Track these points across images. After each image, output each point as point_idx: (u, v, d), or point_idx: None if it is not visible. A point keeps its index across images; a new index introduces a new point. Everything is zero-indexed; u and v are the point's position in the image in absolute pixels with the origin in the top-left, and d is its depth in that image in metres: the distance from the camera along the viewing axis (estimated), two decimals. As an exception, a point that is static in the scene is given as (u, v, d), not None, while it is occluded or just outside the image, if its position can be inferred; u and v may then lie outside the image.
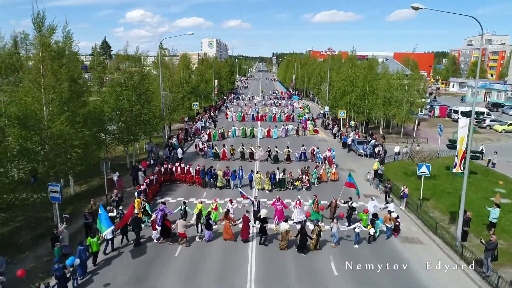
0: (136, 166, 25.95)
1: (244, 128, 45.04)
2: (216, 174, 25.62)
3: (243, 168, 26.96)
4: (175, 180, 27.14)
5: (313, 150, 33.70)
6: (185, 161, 31.36)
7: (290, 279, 15.37)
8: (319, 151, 33.22)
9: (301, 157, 33.73)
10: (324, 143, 41.86)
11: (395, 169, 30.33)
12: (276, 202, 20.13)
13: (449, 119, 59.64)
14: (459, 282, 15.30)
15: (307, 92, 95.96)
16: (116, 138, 27.81)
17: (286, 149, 33.27)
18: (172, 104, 40.63)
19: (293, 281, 15.22)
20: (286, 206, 20.33)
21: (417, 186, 25.94)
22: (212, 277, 15.53)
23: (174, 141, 35.41)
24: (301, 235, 17.01)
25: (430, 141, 41.87)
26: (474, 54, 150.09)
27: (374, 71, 46.54)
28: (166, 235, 18.05)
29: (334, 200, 20.78)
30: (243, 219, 18.15)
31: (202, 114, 55.21)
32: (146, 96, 29.49)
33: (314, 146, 34.06)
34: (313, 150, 33.78)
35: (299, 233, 17.09)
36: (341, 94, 48.41)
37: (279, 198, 20.48)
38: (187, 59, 60.22)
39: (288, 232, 17.17)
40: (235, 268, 16.22)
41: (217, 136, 43.27)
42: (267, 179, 25.21)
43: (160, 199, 23.75)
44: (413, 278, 15.54)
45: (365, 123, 46.83)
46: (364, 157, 35.51)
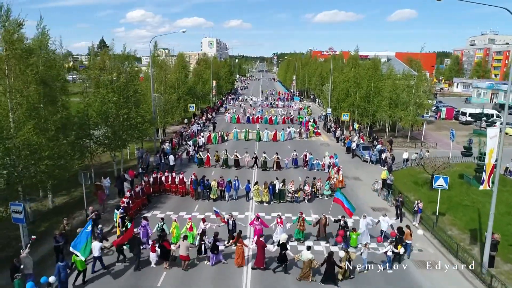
0: (122, 176, 23.63)
1: (247, 130, 42.75)
2: (210, 185, 23.32)
3: (240, 178, 24.67)
4: (165, 191, 24.86)
5: (305, 156, 31.14)
6: (177, 169, 29.15)
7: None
8: (313, 158, 30.74)
9: (293, 163, 31.28)
10: (327, 148, 39.59)
11: (404, 178, 28.00)
12: (255, 221, 17.63)
13: (456, 121, 57.30)
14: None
15: (308, 93, 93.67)
16: (102, 144, 25.53)
17: (275, 156, 30.72)
18: (166, 106, 38.39)
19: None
20: (266, 225, 17.91)
21: (429, 197, 23.72)
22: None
23: (167, 146, 33.09)
24: (328, 264, 14.62)
25: (439, 145, 39.53)
26: (477, 54, 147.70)
27: (379, 71, 44.24)
28: (165, 257, 15.81)
29: (323, 217, 18.37)
30: (257, 244, 15.80)
31: (199, 116, 52.94)
32: (135, 99, 27.24)
33: (306, 152, 31.45)
34: (305, 156, 31.17)
35: (326, 261, 14.64)
36: (344, 96, 46.12)
37: (258, 216, 18.02)
38: (184, 58, 57.92)
39: (312, 261, 14.79)
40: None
41: (217, 139, 41.10)
42: (265, 190, 22.91)
43: (146, 213, 21.51)
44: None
45: (370, 126, 44.52)
46: (370, 163, 33.21)
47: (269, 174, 28.96)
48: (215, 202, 23.35)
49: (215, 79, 76.51)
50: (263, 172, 29.63)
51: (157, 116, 37.78)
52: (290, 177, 27.48)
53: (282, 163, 30.85)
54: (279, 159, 30.61)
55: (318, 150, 37.85)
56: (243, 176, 26.92)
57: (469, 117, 53.51)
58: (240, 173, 28.34)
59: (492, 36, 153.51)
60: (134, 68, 27.29)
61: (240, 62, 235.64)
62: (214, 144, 40.34)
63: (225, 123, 54.18)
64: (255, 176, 28.41)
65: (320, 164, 30.42)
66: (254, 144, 40.07)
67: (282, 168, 30.45)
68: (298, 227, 18.05)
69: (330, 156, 30.53)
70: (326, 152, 32.07)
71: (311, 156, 30.84)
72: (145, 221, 17.46)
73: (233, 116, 55.58)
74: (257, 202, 23.20)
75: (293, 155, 31.59)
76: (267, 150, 35.74)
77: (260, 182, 24.15)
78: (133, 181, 24.82)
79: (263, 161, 30.42)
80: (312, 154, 31.33)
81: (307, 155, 31.11)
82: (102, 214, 20.65)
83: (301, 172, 29.87)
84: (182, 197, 24.24)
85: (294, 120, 54.53)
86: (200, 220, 18.05)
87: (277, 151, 32.56)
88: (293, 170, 30.50)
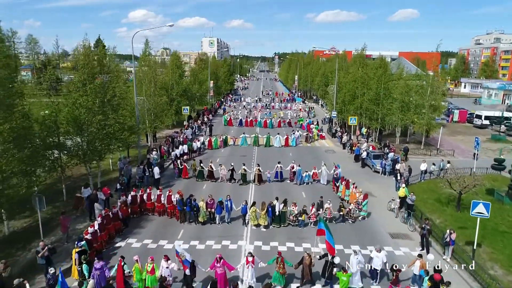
0: (93, 195, 19.96)
1: (256, 136, 39.16)
2: (197, 206, 19.69)
3: (235, 197, 21.07)
4: (147, 211, 21.24)
5: (292, 167, 27.13)
6: (164, 184, 25.58)
7: None
8: (301, 170, 26.65)
9: (278, 177, 27.36)
10: (332, 155, 35.95)
11: (424, 194, 24.28)
12: (216, 263, 13.78)
13: (469, 124, 53.57)
14: None
15: (311, 94, 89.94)
16: (74, 156, 21.94)
17: (256, 168, 26.83)
18: (155, 110, 34.81)
19: None
20: (231, 268, 13.99)
21: (457, 220, 20.23)
22: None
23: (155, 155, 29.48)
24: None
25: (456, 153, 35.79)
26: (484, 53, 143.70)
27: (388, 71, 40.53)
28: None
29: (306, 256, 14.38)
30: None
31: (194, 119, 49.31)
32: (115, 102, 23.63)
33: (293, 163, 27.47)
34: (292, 167, 27.15)
35: None
36: (350, 97, 42.46)
37: (221, 257, 13.91)
38: (179, 58, 54.34)
39: None
40: None
41: (218, 144, 37.58)
42: (263, 213, 19.25)
43: (120, 241, 17.89)
44: None
45: (379, 130, 40.83)
46: (382, 175, 29.52)
47: (269, 192, 25.35)
48: (204, 226, 19.76)
49: (214, 79, 72.97)
50: (261, 189, 25.71)
51: (145, 121, 34.28)
52: (293, 195, 23.98)
53: (265, 176, 26.95)
54: (261, 171, 26.62)
55: (322, 158, 34.23)
56: (237, 195, 23.37)
57: (485, 120, 49.73)
58: (234, 191, 24.69)
59: (497, 35, 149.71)
60: (114, 67, 23.56)
61: (241, 61, 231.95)
62: (214, 149, 37.11)
63: (222, 126, 50.70)
64: (252, 195, 24.60)
65: (310, 176, 26.60)
66: (253, 151, 36.44)
67: (264, 182, 26.64)
68: (277, 270, 14.05)
69: (334, 167, 26.95)
70: (322, 162, 28.23)
71: (299, 168, 26.70)
72: (100, 261, 13.75)
73: (225, 118, 52.36)
74: (254, 225, 19.53)
75: (277, 167, 27.22)
76: (266, 158, 32.24)
77: (258, 202, 20.55)
78: (109, 201, 21.23)
79: (242, 174, 26.46)
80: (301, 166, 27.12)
81: (294, 167, 27.05)
82: (66, 245, 17.12)
83: (305, 188, 26.19)
84: (169, 219, 20.61)
85: (293, 123, 50.92)
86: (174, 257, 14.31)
87: (279, 159, 28.95)
88: (295, 186, 26.75)
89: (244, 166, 26.59)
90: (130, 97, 27.80)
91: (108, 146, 22.61)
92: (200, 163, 27.75)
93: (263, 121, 50.11)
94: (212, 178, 27.06)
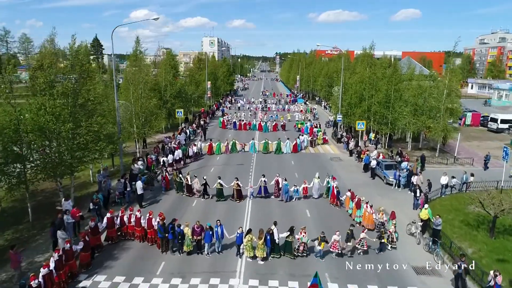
0: (57, 220, 16.69)
1: (267, 141, 35.93)
2: (182, 232, 16.44)
3: (227, 221, 17.87)
4: (127, 235, 18.02)
5: (277, 182, 23.42)
6: (149, 199, 22.41)
7: None
8: (288, 184, 22.94)
9: (260, 192, 23.61)
10: (338, 163, 32.68)
11: (449, 214, 20.90)
12: None
13: (483, 128, 50.19)
14: None
15: (313, 94, 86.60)
16: (41, 170, 18.73)
17: (234, 182, 23.06)
18: (144, 114, 31.59)
19: None
20: None
21: (493, 249, 17.05)
22: None
23: (140, 165, 26.24)
24: None
25: (475, 161, 32.34)
26: (491, 53, 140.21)
27: (398, 71, 37.22)
28: None
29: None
30: None
31: (190, 122, 46.04)
32: (89, 108, 20.39)
33: (278, 177, 23.56)
34: (277, 182, 23.43)
35: None
36: (357, 100, 39.18)
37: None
38: (173, 57, 51.14)
39: None
40: None
41: (221, 149, 34.63)
42: (260, 242, 15.94)
43: (84, 280, 14.64)
44: None
45: (389, 136, 37.52)
46: (396, 187, 26.23)
47: (268, 211, 22.12)
48: (190, 256, 16.50)
49: (212, 80, 69.76)
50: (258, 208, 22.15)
51: (133, 127, 31.08)
52: (297, 214, 20.72)
53: (245, 191, 23.45)
54: (240, 186, 23.12)
55: (327, 167, 31.09)
56: (231, 217, 20.17)
57: (502, 124, 46.35)
58: (228, 211, 21.46)
59: (503, 34, 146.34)
60: (87, 67, 20.24)
61: (242, 61, 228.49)
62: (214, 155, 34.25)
63: (219, 130, 47.55)
64: (248, 216, 21.09)
65: (299, 191, 23.16)
66: (251, 159, 33.19)
67: (244, 198, 23.15)
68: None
69: (332, 178, 23.75)
70: (316, 173, 24.54)
71: (285, 182, 23.00)
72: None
73: (220, 120, 49.76)
74: (249, 258, 16.25)
75: (260, 182, 23.60)
76: (266, 168, 28.93)
77: (256, 225, 17.33)
78: (79, 226, 18.00)
79: (218, 189, 22.90)
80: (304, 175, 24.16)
81: (279, 181, 23.37)
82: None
83: (309, 205, 22.91)
84: (149, 246, 17.37)
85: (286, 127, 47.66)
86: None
87: (280, 169, 25.74)
88: (297, 203, 23.46)
89: (219, 180, 23.00)
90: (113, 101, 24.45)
91: (80, 159, 19.34)
92: (179, 173, 24.64)
93: (257, 124, 46.91)
94: (189, 192, 23.74)
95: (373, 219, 19.18)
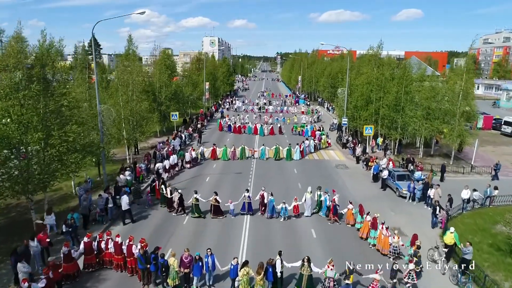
0: (21, 248, 14.15)
1: (278, 147, 33.24)
2: (166, 264, 13.93)
3: (219, 249, 15.35)
4: (106, 263, 15.49)
5: (262, 197, 20.45)
6: (135, 216, 19.92)
7: None
8: (274, 200, 20.11)
9: (243, 209, 20.57)
10: (345, 172, 30.15)
11: (474, 235, 18.27)
12: None
13: (495, 132, 47.59)
14: None
15: (315, 96, 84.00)
16: (8, 187, 16.25)
17: (213, 197, 20.10)
18: (133, 118, 29.14)
19: None
20: None
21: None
22: None
23: (128, 175, 23.73)
24: None
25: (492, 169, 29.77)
26: (496, 53, 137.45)
27: (409, 72, 34.65)
28: None
29: None
30: None
31: (186, 126, 43.52)
32: (66, 114, 17.90)
33: (263, 191, 20.58)
34: (262, 197, 20.47)
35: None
36: (363, 102, 36.64)
37: None
38: (169, 57, 48.64)
39: None
40: None
41: (227, 155, 32.21)
42: (259, 278, 13.39)
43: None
44: None
45: (399, 141, 34.94)
46: (410, 201, 23.68)
47: (266, 230, 19.59)
48: (176, 291, 14.00)
49: (211, 80, 67.32)
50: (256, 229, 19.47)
51: (122, 132, 28.63)
52: (301, 234, 18.17)
53: (224, 207, 20.55)
54: (219, 202, 20.16)
55: (333, 175, 28.72)
56: (224, 241, 17.65)
57: (517, 128, 43.78)
58: (220, 234, 18.90)
59: (507, 34, 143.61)
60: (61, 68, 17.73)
61: (243, 61, 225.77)
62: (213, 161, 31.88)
63: (218, 133, 45.08)
64: (245, 241, 18.28)
65: (286, 211, 20.01)
66: (251, 167, 30.69)
67: (223, 216, 20.31)
68: None
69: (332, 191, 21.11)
70: (309, 187, 21.30)
71: (271, 197, 20.13)
72: None
73: (218, 122, 47.93)
74: (245, 294, 13.70)
75: (243, 197, 20.66)
76: (268, 178, 26.44)
77: (253, 253, 14.80)
78: (48, 252, 15.50)
79: (194, 205, 20.13)
80: (273, 195, 20.38)
81: (264, 196, 20.47)
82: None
83: (313, 223, 20.38)
84: (129, 278, 14.88)
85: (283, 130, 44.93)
86: None
87: (282, 179, 23.16)
88: (303, 222, 20.93)
89: (195, 195, 20.23)
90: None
91: (52, 173, 16.83)
92: (162, 183, 22.27)
93: (253, 127, 44.40)
94: (170, 207, 21.11)
95: (388, 243, 16.65)
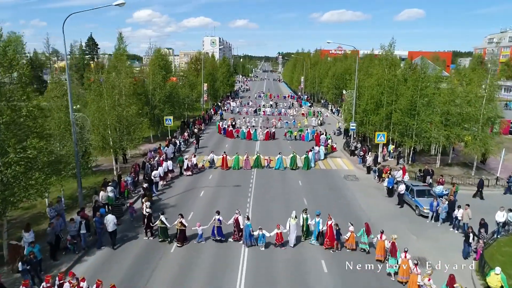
0: None
1: (294, 155, 30.26)
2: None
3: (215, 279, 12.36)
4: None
5: (237, 221, 17.43)
6: (108, 246, 16.94)
7: None
8: (250, 225, 16.96)
9: (213, 234, 17.49)
10: (354, 184, 27.18)
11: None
12: None
13: None
14: None
15: (318, 97, 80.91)
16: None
17: (178, 220, 17.04)
18: (120, 125, 26.18)
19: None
20: None
21: None
22: None
23: (110, 192, 20.71)
24: None
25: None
26: (503, 53, 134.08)
27: (426, 73, 31.56)
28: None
29: None
30: None
31: (181, 131, 40.56)
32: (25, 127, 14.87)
33: (237, 215, 17.49)
34: (236, 221, 17.43)
35: None
36: (374, 106, 33.63)
37: None
38: (163, 57, 45.71)
39: None
40: None
41: (239, 163, 29.43)
42: None
43: None
44: None
45: (413, 149, 31.88)
46: (433, 221, 20.61)
47: (266, 262, 16.58)
48: None
49: (211, 81, 64.38)
50: (260, 262, 16.39)
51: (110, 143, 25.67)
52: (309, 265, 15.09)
53: (191, 231, 17.68)
54: (185, 225, 17.14)
55: (342, 188, 25.87)
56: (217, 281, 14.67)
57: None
58: (213, 269, 15.86)
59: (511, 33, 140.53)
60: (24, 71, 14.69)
61: (244, 61, 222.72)
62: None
63: (217, 137, 42.21)
64: (243, 276, 15.33)
65: (264, 238, 16.81)
66: (251, 178, 27.70)
67: (186, 242, 17.32)
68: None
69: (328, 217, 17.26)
70: (293, 212, 17.65)
71: (247, 222, 17.02)
72: None
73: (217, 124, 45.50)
74: None
75: (214, 221, 17.42)
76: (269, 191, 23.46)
77: None
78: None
79: (161, 227, 17.29)
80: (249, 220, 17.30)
81: (239, 221, 17.40)
82: None
83: (323, 252, 17.33)
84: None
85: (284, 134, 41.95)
86: None
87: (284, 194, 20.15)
88: (311, 253, 17.91)
89: (162, 216, 17.31)
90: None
91: (5, 199, 13.81)
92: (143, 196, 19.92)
93: (246, 131, 41.53)
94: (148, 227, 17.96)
95: (417, 282, 13.58)
